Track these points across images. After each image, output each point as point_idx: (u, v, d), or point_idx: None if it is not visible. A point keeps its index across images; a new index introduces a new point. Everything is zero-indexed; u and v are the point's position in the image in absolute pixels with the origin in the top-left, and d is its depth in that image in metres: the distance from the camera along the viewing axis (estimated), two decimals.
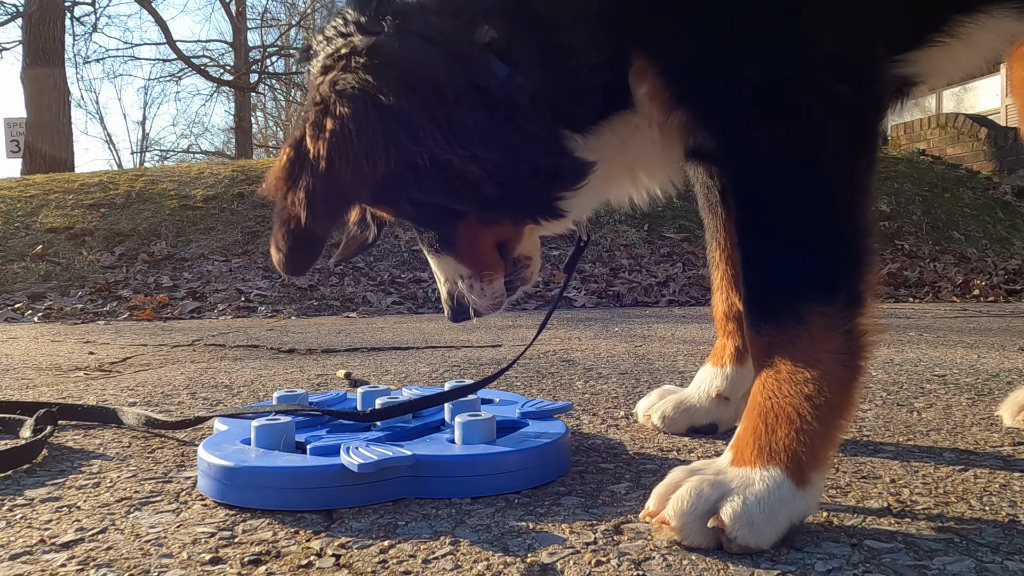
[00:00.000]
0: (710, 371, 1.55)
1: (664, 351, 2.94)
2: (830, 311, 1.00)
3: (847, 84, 1.03)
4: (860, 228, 1.04)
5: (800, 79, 1.03)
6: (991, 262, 7.12)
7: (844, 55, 1.04)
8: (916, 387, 2.04)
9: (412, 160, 1.08)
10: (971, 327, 3.82)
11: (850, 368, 1.01)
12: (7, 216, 6.94)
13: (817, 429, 0.98)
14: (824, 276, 1.01)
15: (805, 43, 1.03)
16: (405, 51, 1.08)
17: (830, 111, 1.03)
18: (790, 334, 1.00)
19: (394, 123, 1.05)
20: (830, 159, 1.03)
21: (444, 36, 1.10)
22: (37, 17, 12.89)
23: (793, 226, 1.03)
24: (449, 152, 1.09)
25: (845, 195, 1.04)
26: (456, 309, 1.36)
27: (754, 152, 1.06)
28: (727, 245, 1.50)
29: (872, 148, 1.08)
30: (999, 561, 0.90)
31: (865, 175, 1.06)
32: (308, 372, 2.50)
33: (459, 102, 1.09)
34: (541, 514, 1.07)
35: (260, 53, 22.91)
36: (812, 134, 1.03)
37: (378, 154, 1.04)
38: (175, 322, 4.87)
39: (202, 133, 47.62)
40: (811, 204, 1.03)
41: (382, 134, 1.04)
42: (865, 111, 1.07)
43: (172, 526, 1.03)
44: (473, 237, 1.27)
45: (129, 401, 1.97)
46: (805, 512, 0.98)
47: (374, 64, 1.07)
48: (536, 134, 1.14)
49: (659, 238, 6.96)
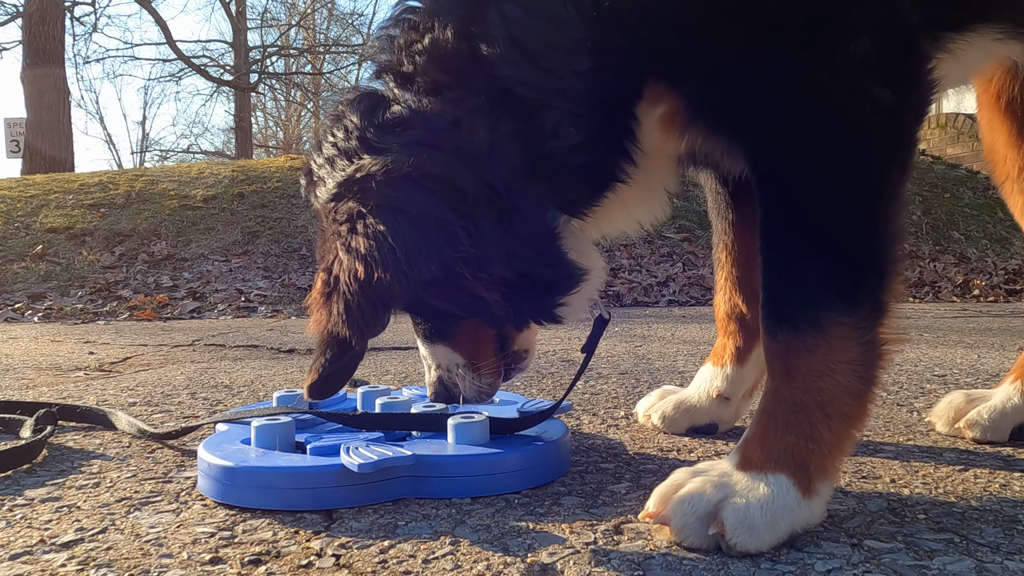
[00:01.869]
0: (711, 371, 1.55)
1: (664, 351, 2.94)
2: (851, 321, 0.98)
3: (888, 88, 0.98)
4: (889, 237, 1.01)
5: (836, 83, 0.98)
6: (991, 262, 7.12)
7: (884, 56, 0.99)
8: (916, 387, 2.04)
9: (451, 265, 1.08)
10: (971, 327, 3.82)
11: (866, 379, 0.99)
12: (7, 216, 6.94)
13: (827, 439, 0.98)
14: (849, 286, 0.99)
15: (841, 43, 0.97)
16: (419, 161, 1.07)
17: (868, 117, 0.99)
18: (808, 342, 0.98)
19: (430, 229, 1.06)
20: (865, 168, 0.99)
21: (447, 141, 1.09)
22: (37, 17, 12.88)
23: (821, 234, 1.00)
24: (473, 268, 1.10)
25: (876, 204, 1.01)
26: (442, 393, 1.33)
27: (785, 158, 1.02)
28: (734, 248, 1.49)
29: (909, 156, 1.04)
30: (999, 561, 0.90)
31: (899, 184, 1.02)
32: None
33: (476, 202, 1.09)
34: (541, 514, 1.07)
35: (260, 53, 22.88)
36: (846, 141, 0.99)
37: (422, 260, 1.05)
38: (175, 322, 4.87)
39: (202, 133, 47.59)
40: (839, 212, 1.00)
41: (423, 240, 1.05)
42: (905, 117, 1.02)
43: (172, 526, 1.03)
44: (473, 333, 1.27)
45: (129, 401, 1.97)
46: (809, 521, 0.97)
47: (393, 179, 1.07)
48: (534, 238, 1.13)
49: (659, 238, 6.96)
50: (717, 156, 1.15)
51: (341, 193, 1.12)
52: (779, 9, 0.99)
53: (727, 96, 1.04)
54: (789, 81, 1.00)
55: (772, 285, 1.03)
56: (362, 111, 1.15)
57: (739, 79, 1.02)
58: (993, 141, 1.51)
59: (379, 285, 1.04)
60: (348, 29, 25.41)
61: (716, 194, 1.50)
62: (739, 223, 1.48)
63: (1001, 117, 1.48)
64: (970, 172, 9.41)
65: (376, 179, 1.08)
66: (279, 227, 6.85)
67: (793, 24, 0.99)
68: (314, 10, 24.43)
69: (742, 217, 1.47)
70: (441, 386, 1.33)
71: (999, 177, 1.52)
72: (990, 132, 1.52)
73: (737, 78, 1.02)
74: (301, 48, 24.60)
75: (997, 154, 1.52)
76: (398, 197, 1.07)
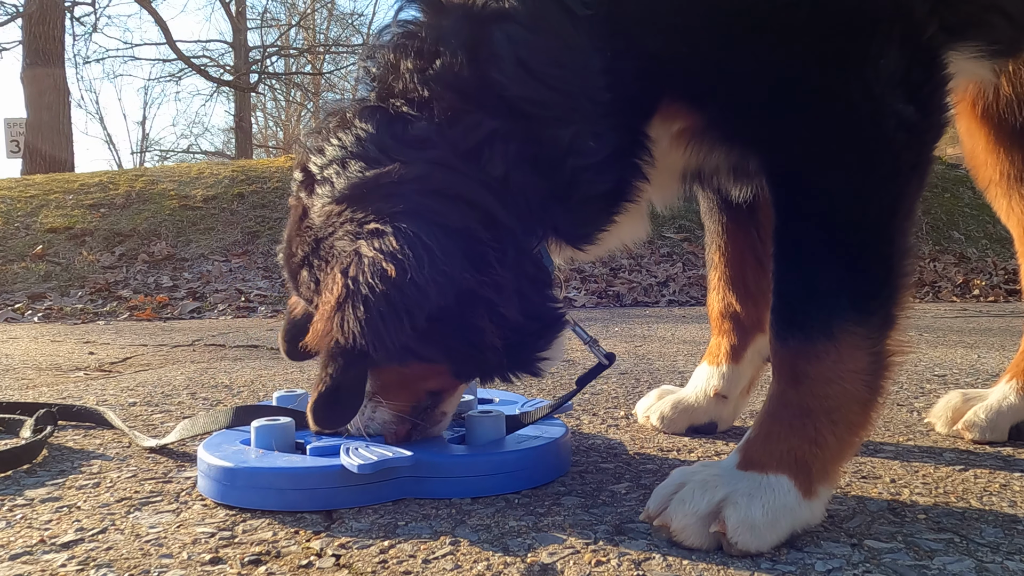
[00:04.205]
0: (707, 370, 1.55)
1: (664, 351, 2.94)
2: (862, 331, 0.99)
3: (912, 105, 0.99)
4: (902, 250, 1.02)
5: (864, 97, 0.98)
6: (991, 262, 7.12)
7: (911, 73, 0.99)
8: (916, 387, 2.04)
9: (477, 289, 1.01)
10: (971, 327, 3.82)
11: (872, 388, 1.00)
12: (7, 216, 6.94)
13: (831, 444, 0.98)
14: (862, 296, 1.00)
15: (872, 58, 0.98)
16: (450, 179, 1.03)
17: (892, 133, 0.99)
18: (819, 349, 0.99)
19: (465, 244, 1.01)
20: (884, 181, 1.00)
21: (471, 168, 1.04)
22: (37, 17, 12.88)
23: (839, 244, 1.00)
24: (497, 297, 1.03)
25: (894, 218, 1.02)
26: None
27: (808, 171, 1.02)
28: (727, 249, 1.51)
29: (926, 172, 1.04)
30: (999, 561, 0.90)
31: (914, 199, 1.03)
32: (308, 372, 2.50)
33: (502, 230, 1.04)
34: (541, 514, 1.07)
35: (260, 53, 22.88)
36: (870, 155, 1.00)
37: (458, 270, 0.98)
38: (175, 322, 4.87)
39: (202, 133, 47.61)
40: (858, 224, 1.00)
41: (459, 253, 0.99)
42: (927, 135, 1.03)
43: (172, 526, 1.03)
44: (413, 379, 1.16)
45: (129, 401, 1.97)
46: (809, 522, 0.97)
47: (425, 190, 1.02)
48: (536, 277, 1.09)
49: (659, 238, 6.96)
50: (723, 172, 1.15)
51: (359, 195, 1.04)
52: (811, 24, 0.99)
53: (750, 110, 1.04)
54: (818, 95, 1.00)
55: (785, 291, 1.03)
56: (378, 121, 1.08)
57: (765, 93, 1.02)
58: (973, 148, 1.53)
59: (411, 288, 0.95)
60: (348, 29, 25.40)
61: (709, 199, 1.52)
62: (731, 225, 1.49)
63: (978, 124, 1.50)
64: None
65: (407, 186, 1.02)
66: (279, 227, 6.84)
67: (825, 38, 0.99)
68: (314, 10, 24.43)
69: (734, 220, 1.49)
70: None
71: (982, 182, 1.55)
72: (969, 139, 1.54)
73: (763, 92, 1.02)
74: (301, 48, 24.58)
75: (977, 159, 1.54)
76: (432, 207, 1.01)
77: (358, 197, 1.05)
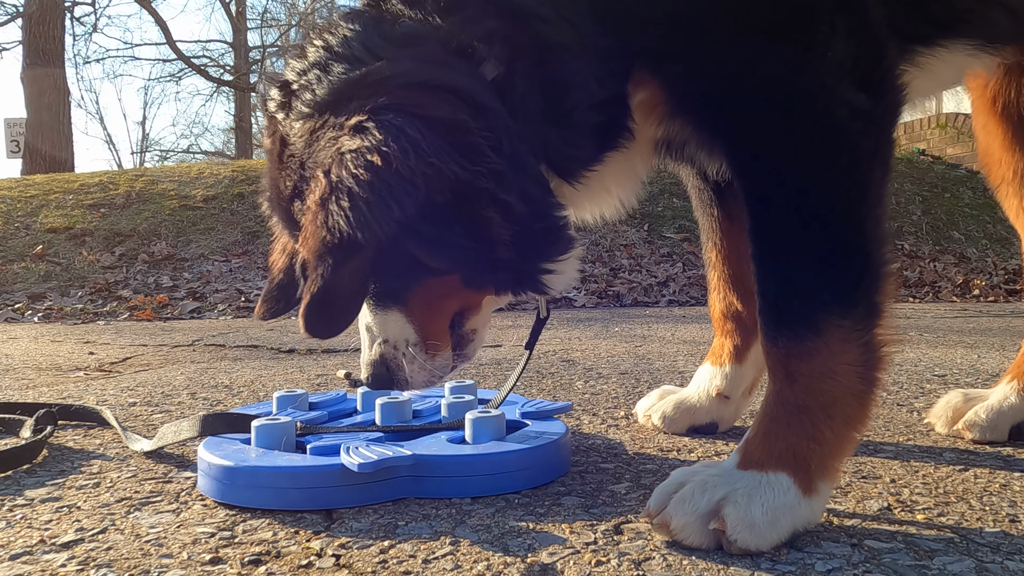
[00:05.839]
0: (709, 370, 1.55)
1: (664, 351, 2.94)
2: (848, 324, 0.99)
3: (863, 92, 1.00)
4: (877, 239, 1.02)
5: (814, 88, 1.00)
6: (991, 262, 7.12)
7: (858, 62, 1.01)
8: (916, 387, 2.04)
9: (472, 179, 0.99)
10: (971, 327, 3.82)
11: (867, 380, 1.00)
12: (7, 216, 6.94)
13: (829, 439, 0.98)
14: (842, 288, 1.00)
15: (819, 50, 0.99)
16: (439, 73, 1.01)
17: (846, 121, 1.00)
18: (808, 346, 0.99)
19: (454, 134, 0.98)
20: (846, 171, 1.01)
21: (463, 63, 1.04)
22: (37, 17, 12.89)
23: (809, 238, 1.01)
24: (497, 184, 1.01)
25: (862, 206, 1.02)
26: (380, 376, 1.17)
27: (768, 164, 1.03)
28: (723, 246, 1.50)
29: (888, 157, 1.06)
30: (999, 561, 0.90)
31: (881, 185, 1.04)
32: (308, 372, 2.50)
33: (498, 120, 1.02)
34: (541, 514, 1.07)
35: (260, 53, 22.92)
36: (828, 145, 1.01)
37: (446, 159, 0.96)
38: (175, 322, 4.87)
39: (202, 133, 47.63)
40: (827, 216, 1.01)
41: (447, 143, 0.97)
42: (882, 120, 1.04)
43: (172, 526, 1.03)
44: (437, 299, 1.17)
45: (129, 401, 1.97)
46: (809, 520, 0.97)
47: (412, 84, 1.00)
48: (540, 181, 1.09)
49: (659, 238, 6.96)
50: (692, 150, 1.16)
51: (341, 98, 1.00)
52: (757, 13, 1.01)
53: (707, 92, 1.05)
54: (768, 82, 1.01)
55: (767, 292, 1.04)
56: (364, 21, 1.05)
57: (719, 79, 1.03)
58: (988, 145, 1.52)
59: (397, 177, 0.91)
60: None
61: (699, 191, 1.50)
62: (725, 219, 1.48)
63: (996, 121, 1.49)
64: (970, 172, 9.41)
65: (393, 82, 0.99)
66: None
67: (772, 28, 1.01)
68: (314, 10, 24.43)
69: (727, 213, 1.48)
70: (383, 367, 1.19)
71: (995, 180, 1.53)
72: (985, 136, 1.53)
73: (717, 77, 1.03)
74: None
75: (992, 157, 1.53)
76: (416, 99, 0.98)
77: (341, 102, 1.01)
